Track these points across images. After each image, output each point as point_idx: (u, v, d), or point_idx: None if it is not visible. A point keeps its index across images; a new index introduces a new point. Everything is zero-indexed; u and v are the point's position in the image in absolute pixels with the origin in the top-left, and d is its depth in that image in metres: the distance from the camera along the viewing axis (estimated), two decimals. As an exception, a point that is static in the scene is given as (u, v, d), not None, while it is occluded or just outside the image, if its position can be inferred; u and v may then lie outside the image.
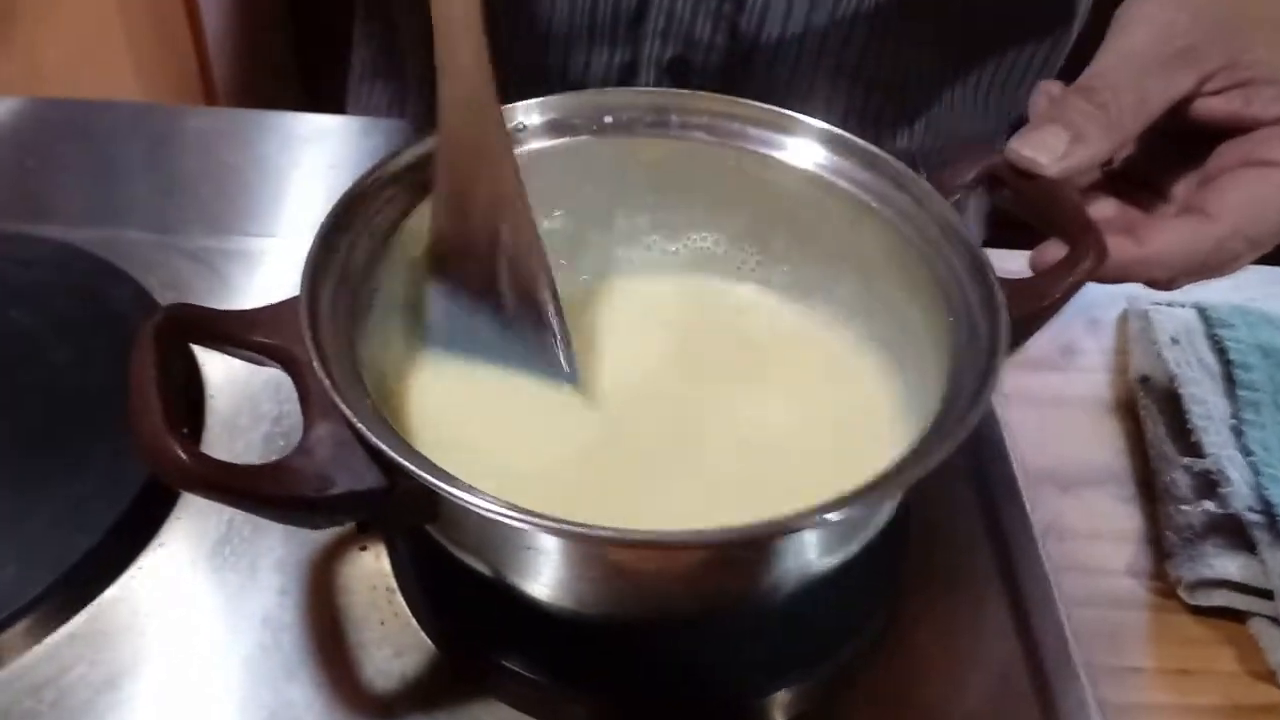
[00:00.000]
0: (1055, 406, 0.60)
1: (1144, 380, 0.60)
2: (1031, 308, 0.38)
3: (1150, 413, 0.58)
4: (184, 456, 0.30)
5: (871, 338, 0.45)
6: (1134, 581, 0.52)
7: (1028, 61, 0.70)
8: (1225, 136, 0.44)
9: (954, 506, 0.49)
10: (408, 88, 0.76)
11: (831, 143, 0.44)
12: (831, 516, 0.30)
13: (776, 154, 0.44)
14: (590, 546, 0.31)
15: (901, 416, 0.42)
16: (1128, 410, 0.60)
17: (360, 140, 0.66)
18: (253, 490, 0.30)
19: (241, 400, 0.49)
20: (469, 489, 0.30)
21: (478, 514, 0.29)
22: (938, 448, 0.32)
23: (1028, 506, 0.50)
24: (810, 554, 0.34)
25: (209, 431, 0.48)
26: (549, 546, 0.32)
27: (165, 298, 0.52)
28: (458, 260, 0.41)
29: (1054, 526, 0.53)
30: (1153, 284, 0.45)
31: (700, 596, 0.35)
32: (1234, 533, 0.50)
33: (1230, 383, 0.58)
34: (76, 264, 0.52)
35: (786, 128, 0.44)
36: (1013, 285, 0.38)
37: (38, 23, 0.97)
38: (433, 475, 0.30)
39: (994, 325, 0.35)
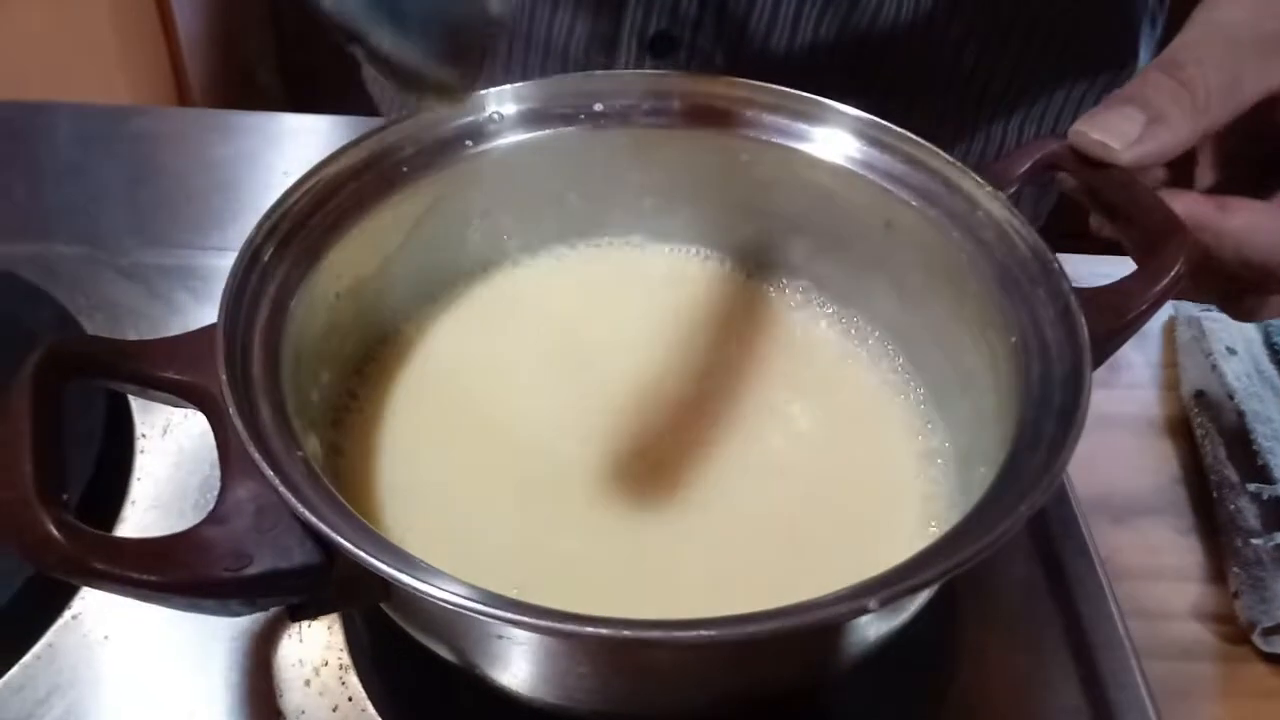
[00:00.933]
0: (1102, 428, 0.54)
1: (1198, 395, 0.55)
2: (1111, 324, 0.31)
3: (1208, 433, 0.53)
4: (56, 534, 0.23)
5: (911, 367, 0.39)
6: (1200, 626, 0.47)
7: (1079, 99, 0.64)
8: None
9: (1007, 548, 0.43)
10: None
11: (864, 132, 0.38)
12: (870, 604, 0.23)
13: (799, 145, 0.38)
14: (577, 643, 0.25)
15: (949, 464, 0.36)
16: (1181, 430, 0.54)
17: (328, 140, 0.59)
18: (148, 574, 0.24)
19: (180, 441, 0.43)
20: (424, 572, 0.23)
21: (434, 604, 0.23)
22: (1013, 509, 0.25)
23: (1092, 547, 0.44)
24: (848, 639, 0.28)
25: (139, 486, 0.41)
26: (527, 639, 0.26)
27: (94, 321, 0.46)
28: None
29: (1109, 564, 0.47)
30: (1229, 289, 0.38)
31: (712, 692, 0.28)
32: None
33: None
34: (-9, 284, 0.46)
35: (811, 115, 0.38)
36: (1088, 297, 0.32)
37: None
38: (379, 556, 0.24)
39: (1076, 348, 0.29)
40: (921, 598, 0.29)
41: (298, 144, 0.58)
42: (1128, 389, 0.57)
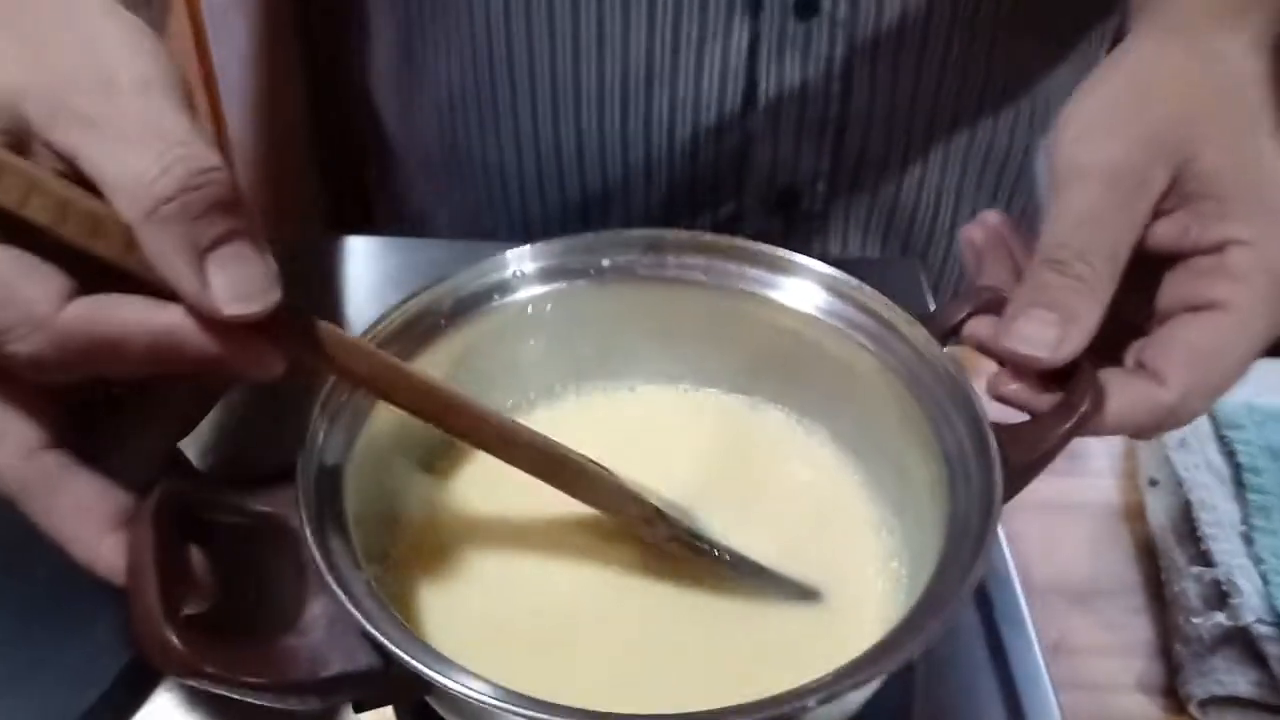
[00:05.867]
0: (1062, 512, 0.60)
1: (1153, 484, 0.60)
2: (1028, 457, 0.38)
3: (1159, 519, 0.58)
4: (177, 644, 0.30)
5: (868, 483, 0.45)
6: (1145, 699, 0.51)
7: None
8: (1172, 262, 0.42)
9: (957, 629, 0.49)
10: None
11: (828, 284, 0.44)
12: (818, 699, 0.30)
13: (772, 294, 0.44)
14: None
15: (899, 567, 0.42)
16: (1138, 515, 0.59)
17: (364, 260, 0.66)
18: (248, 677, 0.31)
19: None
20: (459, 674, 0.30)
21: (474, 703, 0.30)
22: (930, 619, 0.32)
23: (1031, 629, 0.49)
24: None
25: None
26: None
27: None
28: None
29: (1063, 641, 0.53)
30: None
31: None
32: (1245, 646, 0.50)
33: (1240, 486, 0.57)
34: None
35: (783, 268, 0.44)
36: (1009, 433, 0.38)
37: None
38: (424, 662, 0.31)
39: (989, 488, 0.36)
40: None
41: (334, 264, 0.65)
42: (1089, 477, 0.62)
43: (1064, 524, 0.59)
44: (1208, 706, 0.50)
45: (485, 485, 0.45)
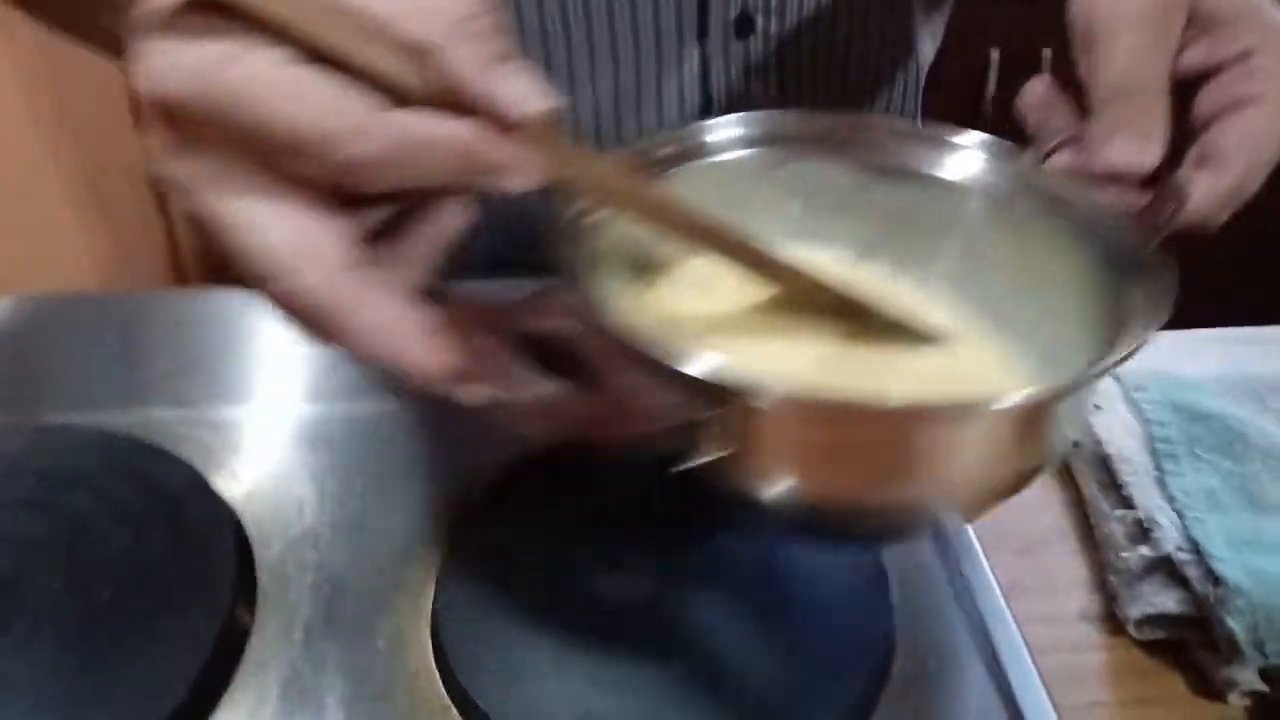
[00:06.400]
0: (1004, 479, 0.66)
1: (1075, 445, 0.66)
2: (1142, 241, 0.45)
3: (1084, 474, 0.64)
4: (544, 395, 0.38)
5: (998, 314, 0.51)
6: (1088, 626, 0.57)
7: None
8: (1201, 82, 0.49)
9: (926, 576, 0.55)
10: None
11: (984, 146, 0.51)
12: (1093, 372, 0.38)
13: (919, 166, 0.51)
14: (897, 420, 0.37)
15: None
16: (1066, 475, 0.66)
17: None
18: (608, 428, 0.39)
19: (285, 551, 0.54)
20: (783, 384, 0.35)
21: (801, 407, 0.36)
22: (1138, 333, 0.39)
23: (987, 567, 0.54)
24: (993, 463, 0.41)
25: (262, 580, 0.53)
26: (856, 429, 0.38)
27: (205, 469, 0.57)
28: None
29: (1015, 584, 0.58)
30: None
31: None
32: (1168, 572, 0.55)
33: (1150, 439, 0.63)
34: (117, 446, 0.57)
35: (933, 141, 0.51)
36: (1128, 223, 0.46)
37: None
38: (747, 383, 0.35)
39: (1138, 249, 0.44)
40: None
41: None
42: (1020, 444, 0.69)
43: (1004, 487, 0.66)
44: (1142, 625, 0.55)
45: (690, 287, 0.51)
